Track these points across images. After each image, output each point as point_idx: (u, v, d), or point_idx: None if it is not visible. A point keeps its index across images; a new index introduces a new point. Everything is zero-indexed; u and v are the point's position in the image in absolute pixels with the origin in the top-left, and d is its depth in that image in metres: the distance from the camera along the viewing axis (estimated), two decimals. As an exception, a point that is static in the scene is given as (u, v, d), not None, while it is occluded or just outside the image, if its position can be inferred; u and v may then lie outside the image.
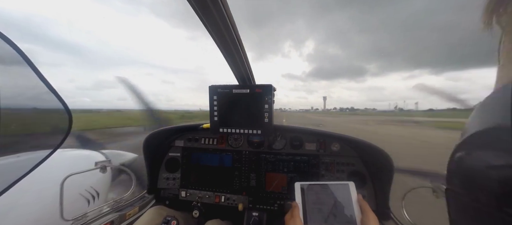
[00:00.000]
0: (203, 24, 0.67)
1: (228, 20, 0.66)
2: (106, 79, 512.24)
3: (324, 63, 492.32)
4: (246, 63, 1.11)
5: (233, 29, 0.74)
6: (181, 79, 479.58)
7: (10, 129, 0.56)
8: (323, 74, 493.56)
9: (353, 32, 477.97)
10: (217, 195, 1.31)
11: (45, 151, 0.63)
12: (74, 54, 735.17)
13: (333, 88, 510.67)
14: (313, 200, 0.74)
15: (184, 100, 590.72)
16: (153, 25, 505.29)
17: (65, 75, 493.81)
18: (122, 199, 1.18)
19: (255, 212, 1.24)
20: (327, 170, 1.19)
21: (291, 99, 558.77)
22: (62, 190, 0.91)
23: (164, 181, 1.36)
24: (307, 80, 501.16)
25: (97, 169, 1.08)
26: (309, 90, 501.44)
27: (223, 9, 0.60)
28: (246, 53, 1.02)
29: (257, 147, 1.29)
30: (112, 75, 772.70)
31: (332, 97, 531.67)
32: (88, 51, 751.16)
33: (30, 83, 0.54)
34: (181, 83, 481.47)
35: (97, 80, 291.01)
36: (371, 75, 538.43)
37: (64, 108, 0.64)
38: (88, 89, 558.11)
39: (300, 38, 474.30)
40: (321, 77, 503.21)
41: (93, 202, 1.43)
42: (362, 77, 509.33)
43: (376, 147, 1.02)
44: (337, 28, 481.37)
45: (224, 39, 0.76)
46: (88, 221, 0.97)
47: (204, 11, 0.59)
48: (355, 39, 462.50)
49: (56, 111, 0.64)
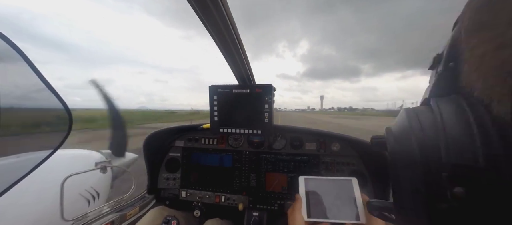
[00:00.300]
0: (203, 24, 0.67)
1: (228, 20, 0.66)
2: (99, 77, 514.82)
3: (318, 64, 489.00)
4: (246, 63, 1.11)
5: (233, 29, 0.74)
6: (175, 78, 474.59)
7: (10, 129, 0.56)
8: (318, 74, 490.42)
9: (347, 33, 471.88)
10: (217, 195, 1.31)
11: (45, 151, 0.63)
12: (63, 51, 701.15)
13: (328, 88, 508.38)
14: (317, 193, 0.75)
15: (179, 99, 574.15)
16: (146, 24, 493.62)
17: (53, 73, 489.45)
18: (123, 199, 1.18)
19: (255, 212, 1.24)
20: (327, 170, 1.19)
21: (285, 99, 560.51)
22: (62, 190, 0.91)
23: (164, 181, 1.36)
24: (302, 80, 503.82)
25: (97, 169, 1.08)
26: (304, 90, 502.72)
27: (223, 9, 0.60)
28: (246, 53, 1.02)
29: (257, 147, 1.29)
30: (105, 73, 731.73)
31: (327, 97, 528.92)
32: (80, 48, 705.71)
33: (30, 83, 0.54)
34: (175, 83, 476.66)
35: (88, 79, 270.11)
36: (366, 76, 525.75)
37: (64, 108, 0.64)
38: (79, 88, 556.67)
39: (294, 38, 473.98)
40: (315, 77, 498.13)
41: (93, 202, 1.43)
42: (357, 77, 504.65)
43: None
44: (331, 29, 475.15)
45: (224, 39, 0.76)
46: (89, 221, 0.97)
47: (204, 11, 0.59)
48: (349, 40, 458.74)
49: (56, 111, 0.64)
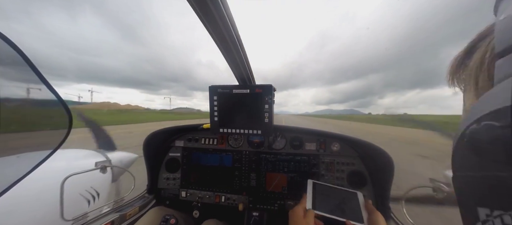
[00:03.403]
0: (203, 24, 0.67)
1: (228, 20, 0.66)
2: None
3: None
4: (246, 63, 1.10)
5: (233, 29, 0.74)
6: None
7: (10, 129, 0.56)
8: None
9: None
10: (217, 195, 1.31)
11: (45, 151, 0.63)
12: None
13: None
14: (323, 194, 0.78)
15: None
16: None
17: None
18: (123, 199, 1.18)
19: (255, 212, 1.24)
20: (327, 170, 1.19)
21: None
22: (62, 190, 0.91)
23: (164, 181, 1.36)
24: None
25: (97, 169, 1.08)
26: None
27: (223, 9, 0.60)
28: (246, 53, 1.02)
29: (257, 147, 1.29)
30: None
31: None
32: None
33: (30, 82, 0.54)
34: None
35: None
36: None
37: (64, 108, 0.64)
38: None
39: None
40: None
41: (93, 202, 1.43)
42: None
43: (376, 147, 1.02)
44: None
45: (224, 39, 0.76)
46: (89, 221, 0.97)
47: (204, 11, 0.59)
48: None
49: (56, 110, 0.64)
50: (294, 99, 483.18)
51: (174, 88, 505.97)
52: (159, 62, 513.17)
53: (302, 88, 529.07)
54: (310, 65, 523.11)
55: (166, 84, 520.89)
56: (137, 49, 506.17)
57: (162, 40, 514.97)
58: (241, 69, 1.12)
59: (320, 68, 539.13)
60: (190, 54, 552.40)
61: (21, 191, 1.06)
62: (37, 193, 1.14)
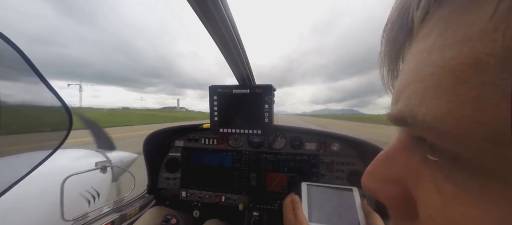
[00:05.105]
0: (203, 24, 0.67)
1: (228, 20, 0.66)
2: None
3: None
4: (246, 63, 1.11)
5: (233, 29, 0.74)
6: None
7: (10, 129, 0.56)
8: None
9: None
10: (217, 195, 1.31)
11: (45, 151, 0.63)
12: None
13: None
14: (318, 199, 0.76)
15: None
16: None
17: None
18: (123, 199, 1.18)
19: (255, 212, 1.24)
20: (327, 170, 1.19)
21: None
22: (62, 190, 0.91)
23: (164, 181, 1.36)
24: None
25: (98, 169, 1.08)
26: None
27: (223, 9, 0.60)
28: (246, 53, 1.02)
29: (257, 147, 1.29)
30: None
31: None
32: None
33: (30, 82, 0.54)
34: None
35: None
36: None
37: (64, 108, 0.64)
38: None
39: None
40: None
41: (93, 203, 1.43)
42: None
43: (376, 147, 1.02)
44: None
45: (224, 39, 0.76)
46: (89, 222, 0.97)
47: (204, 11, 0.59)
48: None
49: (56, 110, 0.64)
50: (291, 98, 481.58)
51: (159, 85, 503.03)
52: (129, 47, 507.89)
53: (300, 85, 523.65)
54: (310, 58, 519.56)
55: (148, 80, 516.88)
56: (97, 33, 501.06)
57: (120, 17, 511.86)
58: (241, 69, 1.12)
59: (322, 61, 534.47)
60: (167, 39, 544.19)
61: (21, 191, 1.06)
62: (37, 193, 1.14)
